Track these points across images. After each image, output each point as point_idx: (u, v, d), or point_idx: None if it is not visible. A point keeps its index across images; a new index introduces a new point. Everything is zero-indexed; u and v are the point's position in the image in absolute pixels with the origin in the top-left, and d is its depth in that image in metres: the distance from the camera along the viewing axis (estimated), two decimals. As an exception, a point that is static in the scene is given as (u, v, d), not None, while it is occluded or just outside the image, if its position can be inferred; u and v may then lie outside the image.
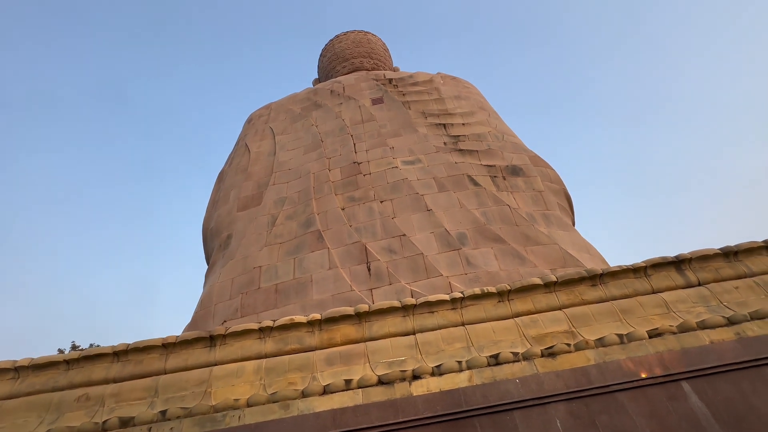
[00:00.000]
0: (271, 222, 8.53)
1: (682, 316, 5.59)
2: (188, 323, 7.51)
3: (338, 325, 6.02)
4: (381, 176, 8.75)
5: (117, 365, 5.88)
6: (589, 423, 4.69)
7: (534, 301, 6.07)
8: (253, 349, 5.86)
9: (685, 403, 4.76)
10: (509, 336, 5.68)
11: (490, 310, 6.03)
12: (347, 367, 5.54)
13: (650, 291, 6.04)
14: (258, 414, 5.05)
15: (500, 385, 5.00)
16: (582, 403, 4.85)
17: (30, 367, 5.89)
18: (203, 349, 5.94)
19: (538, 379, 5.02)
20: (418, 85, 12.26)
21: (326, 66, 15.97)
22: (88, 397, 5.52)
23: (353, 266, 7.15)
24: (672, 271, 6.21)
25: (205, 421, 5.03)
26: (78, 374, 5.80)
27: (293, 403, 5.12)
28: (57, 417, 5.37)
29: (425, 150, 9.50)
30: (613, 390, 4.89)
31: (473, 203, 8.08)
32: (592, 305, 5.94)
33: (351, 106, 11.59)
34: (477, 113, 11.17)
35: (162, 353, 5.95)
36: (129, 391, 5.55)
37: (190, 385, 5.52)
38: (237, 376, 5.56)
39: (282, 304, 6.92)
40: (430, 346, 5.66)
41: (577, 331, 5.64)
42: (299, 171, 9.64)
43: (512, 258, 7.18)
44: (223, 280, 7.79)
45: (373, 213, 7.96)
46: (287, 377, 5.51)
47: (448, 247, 7.25)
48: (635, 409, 4.76)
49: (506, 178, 8.86)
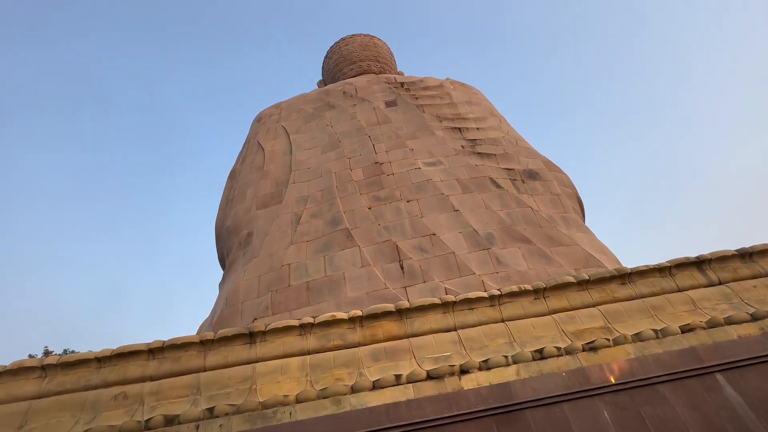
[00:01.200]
0: (295, 220, 8.47)
1: (708, 313, 5.91)
2: (215, 321, 7.34)
3: (379, 321, 6.04)
4: (405, 177, 8.85)
5: (153, 363, 5.71)
6: (634, 414, 4.89)
7: (569, 298, 6.28)
8: (295, 346, 5.81)
9: (720, 394, 5.03)
10: (549, 332, 5.86)
11: (528, 307, 6.20)
12: (393, 363, 5.57)
13: (676, 289, 6.36)
14: (309, 410, 5.01)
15: (548, 379, 5.15)
16: (626, 395, 5.05)
17: (58, 365, 5.64)
18: (243, 346, 5.84)
19: (584, 373, 5.20)
20: (429, 90, 12.47)
21: (332, 68, 16.01)
22: (125, 396, 5.33)
23: (385, 264, 7.19)
24: (694, 270, 6.56)
25: (255, 418, 4.95)
26: (112, 372, 5.60)
27: (344, 399, 5.10)
28: (94, 416, 5.16)
29: (445, 152, 9.67)
30: (654, 382, 5.12)
31: (497, 204, 8.29)
32: (624, 302, 6.20)
33: (365, 108, 11.67)
34: (489, 118, 11.46)
35: (200, 350, 5.81)
36: (169, 389, 5.39)
37: (234, 382, 5.42)
38: (282, 372, 5.50)
39: (315, 301, 6.88)
40: (473, 341, 5.77)
41: (612, 327, 5.87)
42: (319, 170, 9.62)
43: (539, 258, 7.40)
44: (249, 277, 7.66)
45: (401, 212, 8.04)
46: (333, 373, 5.49)
47: (477, 247, 7.41)
48: (676, 400, 4.99)
49: (525, 181, 9.13)
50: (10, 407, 5.26)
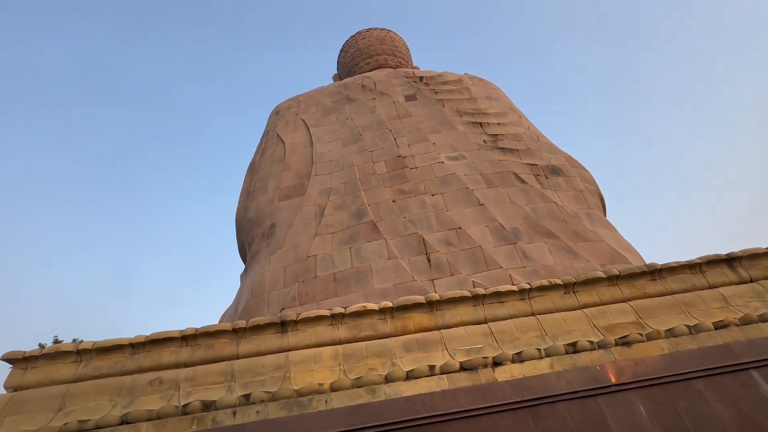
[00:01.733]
0: (319, 212, 8.49)
1: (741, 310, 5.88)
2: (240, 311, 7.39)
3: (410, 313, 6.06)
4: (428, 170, 8.85)
5: (186, 350, 5.76)
6: (670, 408, 4.89)
7: (599, 293, 6.27)
8: (326, 335, 5.84)
9: (756, 391, 5.01)
10: (580, 326, 5.85)
11: (558, 301, 6.19)
12: (426, 354, 5.59)
13: (707, 286, 6.33)
14: (345, 398, 5.05)
15: (582, 372, 5.15)
16: (661, 389, 5.05)
17: (94, 350, 5.71)
18: (275, 334, 5.88)
19: (618, 367, 5.20)
20: (448, 84, 12.42)
21: (349, 62, 15.97)
22: (161, 381, 5.39)
23: (412, 257, 7.20)
24: (725, 267, 6.52)
25: (291, 405, 4.99)
26: (146, 358, 5.65)
27: (379, 388, 5.13)
28: (131, 400, 5.22)
29: (467, 147, 9.65)
30: (689, 378, 5.11)
31: (522, 199, 8.27)
32: (655, 298, 6.18)
33: (385, 102, 11.65)
34: (509, 114, 11.40)
35: (233, 338, 5.86)
36: (204, 376, 5.44)
37: (268, 370, 5.46)
38: (315, 361, 5.53)
39: (342, 292, 6.91)
40: (504, 334, 5.77)
41: (644, 322, 5.86)
42: (341, 163, 9.62)
43: (565, 253, 7.38)
44: (274, 268, 7.70)
45: (426, 206, 8.04)
46: (366, 363, 5.51)
47: (504, 241, 7.40)
48: (711, 395, 4.98)
49: (548, 177, 9.09)
50: (49, 390, 5.33)
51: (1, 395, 5.34)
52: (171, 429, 4.82)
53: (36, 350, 5.69)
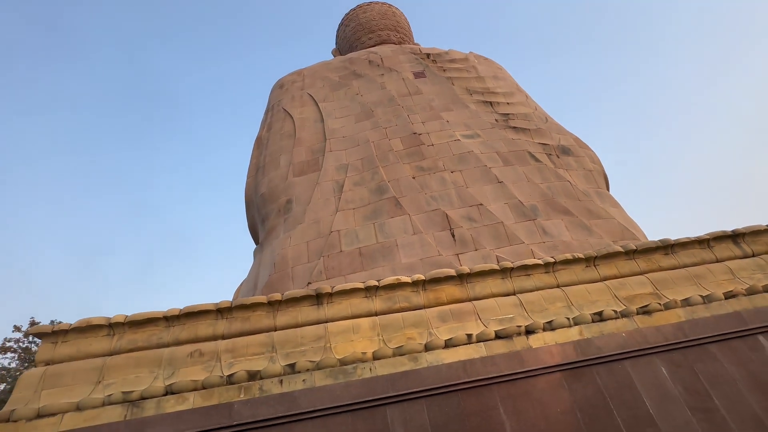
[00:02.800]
0: (338, 188, 8.44)
1: (747, 282, 6.35)
2: (263, 285, 7.38)
3: (442, 285, 6.23)
4: (445, 148, 8.90)
5: (223, 322, 5.75)
6: (689, 370, 5.30)
7: (618, 266, 6.60)
8: (362, 307, 5.95)
9: (764, 353, 5.49)
10: (603, 297, 6.19)
11: (581, 274, 6.49)
12: (460, 324, 5.79)
13: (715, 260, 6.77)
14: (388, 366, 5.20)
15: (609, 338, 5.49)
16: (680, 353, 5.45)
17: (126, 324, 5.62)
18: (311, 307, 5.93)
19: (641, 333, 5.56)
20: (455, 62, 12.36)
21: (350, 36, 15.56)
22: (201, 353, 5.39)
23: (436, 232, 7.33)
24: (730, 243, 6.97)
25: (336, 373, 5.11)
26: (182, 331, 5.62)
27: (420, 356, 5.31)
28: (172, 372, 5.21)
29: (481, 125, 9.73)
30: (705, 342, 5.53)
31: (538, 178, 8.48)
32: (669, 271, 6.57)
33: (394, 78, 11.51)
34: (516, 94, 11.51)
35: (269, 311, 5.88)
36: (244, 347, 5.47)
37: (308, 341, 5.54)
38: (354, 332, 5.64)
39: (369, 267, 6.99)
40: (533, 305, 6.04)
41: (661, 293, 6.24)
42: (356, 139, 9.53)
43: (581, 229, 7.68)
44: (296, 243, 7.67)
45: (446, 183, 8.13)
46: (405, 333, 5.67)
47: (523, 217, 7.62)
48: (724, 358, 5.42)
49: (559, 156, 9.33)
50: (85, 363, 5.25)
51: (35, 369, 5.22)
52: (219, 398, 4.87)
53: (65, 324, 5.55)
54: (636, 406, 4.95)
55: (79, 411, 4.74)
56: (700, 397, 5.05)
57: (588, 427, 4.79)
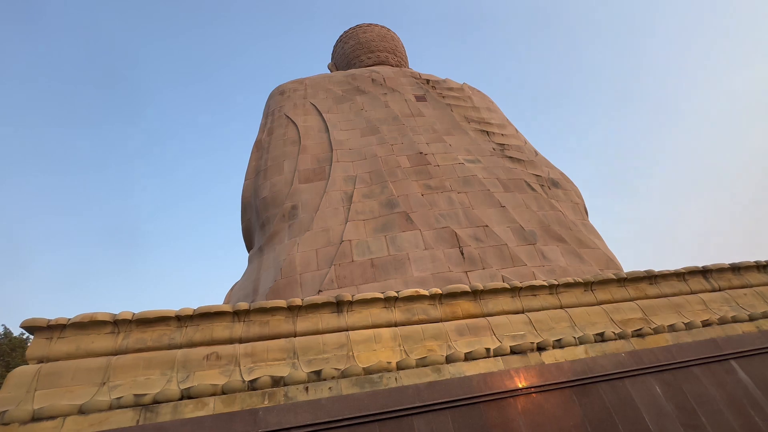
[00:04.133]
0: (347, 198, 8.47)
1: (717, 312, 7.16)
2: (268, 290, 7.14)
3: (457, 300, 6.43)
4: (451, 169, 9.29)
5: (240, 325, 5.52)
6: (678, 390, 5.84)
7: (611, 292, 7.18)
8: (382, 317, 5.97)
9: (736, 376, 6.18)
10: (601, 319, 6.68)
11: (580, 297, 6.99)
12: (477, 338, 5.99)
13: (690, 292, 7.57)
14: (413, 376, 5.25)
15: (611, 358, 5.92)
16: (670, 374, 6.00)
17: (134, 321, 5.23)
18: (331, 314, 5.87)
19: (637, 354, 6.06)
20: (453, 91, 13.04)
21: (348, 53, 15.89)
22: (218, 356, 5.12)
23: (446, 249, 7.56)
24: (701, 278, 7.85)
25: (362, 382, 5.07)
26: (197, 332, 5.32)
27: (443, 368, 5.42)
28: (187, 375, 4.90)
29: (481, 152, 10.28)
30: (690, 365, 6.13)
31: (534, 206, 9.07)
32: (654, 299, 7.25)
33: (397, 98, 11.90)
34: (508, 126, 12.32)
35: (288, 316, 5.73)
36: (264, 352, 5.28)
37: (330, 348, 5.46)
38: (376, 341, 5.65)
39: (381, 278, 7.04)
40: (541, 323, 6.39)
41: (649, 318, 6.86)
42: (363, 153, 9.67)
43: (573, 257, 8.28)
44: (304, 250, 7.55)
45: (453, 203, 8.46)
46: (425, 344, 5.76)
47: (524, 241, 8.09)
48: (706, 379, 6.04)
49: (550, 188, 10.05)
50: (87, 362, 4.80)
51: (27, 366, 4.68)
52: (241, 404, 4.64)
53: (63, 318, 5.06)
54: (637, 421, 5.36)
55: (83, 414, 4.31)
56: (689, 414, 5.57)
57: (598, 440, 5.10)
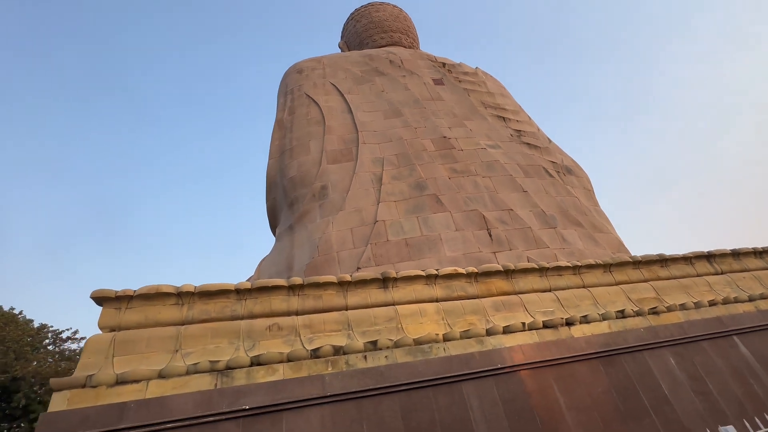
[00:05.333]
0: (376, 180, 8.70)
1: (721, 293, 7.82)
2: (306, 266, 7.41)
3: (491, 278, 6.85)
4: (474, 154, 9.58)
5: (295, 299, 5.81)
6: (689, 361, 6.47)
7: (628, 273, 7.73)
8: (425, 293, 6.35)
9: (738, 350, 6.86)
10: (619, 298, 7.24)
11: (600, 277, 7.51)
12: (512, 314, 6.45)
13: (696, 275, 8.20)
14: (459, 347, 5.68)
15: (631, 332, 6.49)
16: (682, 347, 6.62)
17: (196, 294, 5.46)
18: (378, 289, 6.21)
19: (653, 330, 6.65)
20: (468, 75, 13.19)
21: (361, 32, 15.72)
22: (279, 327, 5.43)
23: (475, 231, 7.94)
24: (705, 262, 8.49)
25: (415, 352, 5.47)
26: (256, 305, 5.59)
27: (485, 339, 5.86)
28: (253, 344, 5.20)
29: (500, 138, 10.58)
30: (699, 339, 6.76)
31: (552, 191, 9.49)
32: (665, 281, 7.85)
33: (416, 81, 12.00)
34: (521, 113, 12.61)
35: (338, 290, 6.05)
36: (321, 323, 5.61)
37: (381, 321, 5.83)
38: (421, 315, 6.04)
39: (416, 257, 7.39)
40: (568, 301, 6.89)
41: (661, 297, 7.46)
42: (387, 135, 9.85)
43: (589, 240, 8.79)
44: (339, 229, 7.80)
45: (479, 187, 8.79)
46: (465, 318, 6.19)
47: (546, 225, 8.53)
48: (713, 352, 6.69)
49: (565, 174, 10.48)
50: (159, 331, 5.03)
51: (101, 334, 4.90)
52: (308, 370, 4.99)
53: (129, 290, 5.25)
54: (655, 388, 5.96)
55: (164, 378, 4.58)
56: (699, 382, 6.21)
57: (623, 404, 5.68)
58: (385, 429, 4.73)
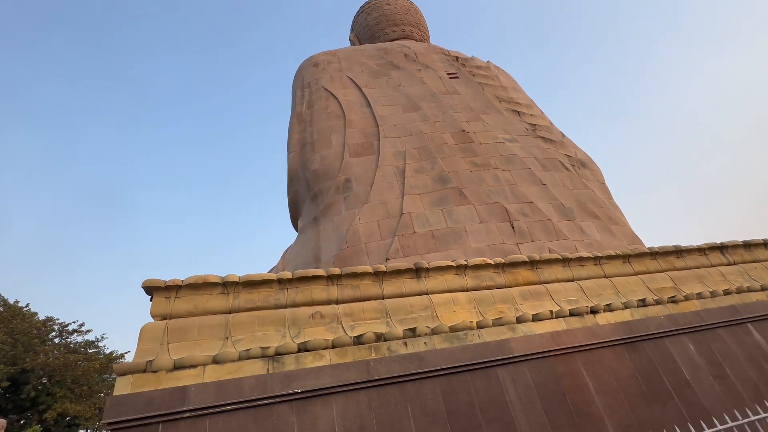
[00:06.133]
0: (398, 173, 8.87)
1: (734, 283, 8.11)
2: (335, 257, 7.61)
3: (518, 269, 7.08)
4: (493, 148, 9.76)
5: (334, 288, 6.01)
6: (707, 347, 6.76)
7: (646, 264, 8.00)
8: (456, 283, 6.57)
9: (752, 337, 7.16)
10: (639, 287, 7.50)
11: (620, 268, 7.76)
12: (539, 302, 6.69)
13: (710, 265, 8.49)
14: (493, 334, 5.92)
15: (653, 320, 6.76)
16: (699, 334, 6.90)
17: (241, 283, 5.64)
18: (411, 279, 6.42)
19: (673, 317, 6.92)
20: (481, 69, 13.32)
21: (372, 25, 15.74)
22: (322, 315, 5.63)
23: (498, 223, 8.15)
24: (718, 253, 8.77)
25: (451, 338, 5.70)
26: (298, 294, 5.79)
27: (516, 327, 6.10)
28: (298, 331, 5.40)
29: (516, 132, 10.76)
30: (715, 327, 7.05)
31: (569, 184, 9.72)
32: (681, 271, 8.12)
33: (431, 75, 12.12)
34: (533, 107, 12.78)
35: (374, 280, 6.25)
36: (360, 311, 5.82)
37: (417, 309, 6.05)
38: (454, 303, 6.26)
39: (443, 248, 7.60)
40: (590, 290, 7.15)
41: (678, 287, 7.73)
42: (407, 129, 9.99)
43: (606, 232, 9.04)
44: (366, 221, 7.99)
45: (500, 180, 8.99)
46: (496, 307, 6.43)
47: (565, 217, 8.76)
48: (729, 339, 6.99)
49: (580, 168, 10.70)
50: (208, 319, 5.23)
51: (155, 322, 5.08)
52: (353, 356, 5.20)
53: (177, 280, 5.42)
54: (677, 373, 6.24)
55: (219, 364, 4.78)
56: (717, 367, 6.51)
57: (647, 388, 5.96)
58: (427, 411, 4.97)
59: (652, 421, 5.64)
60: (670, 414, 5.78)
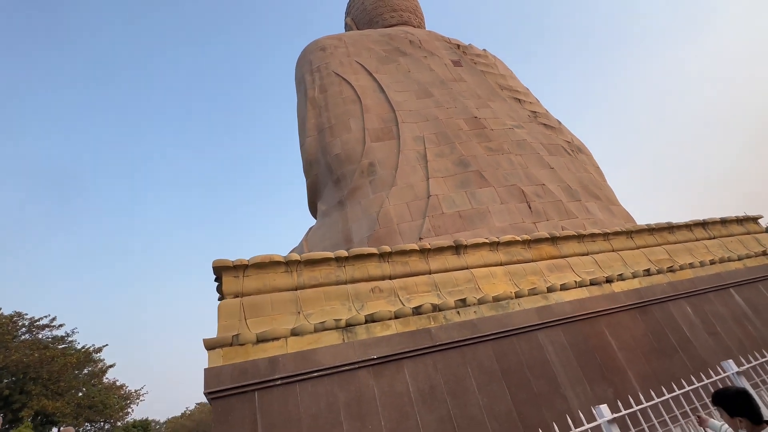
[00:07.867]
0: (420, 157, 9.25)
1: (716, 254, 9.24)
2: (369, 237, 7.94)
3: (541, 245, 7.74)
4: (504, 133, 10.33)
5: (386, 265, 6.39)
6: (700, 309, 7.78)
7: (645, 239, 8.93)
8: (491, 258, 7.14)
9: (734, 299, 8.27)
10: (642, 259, 8.41)
11: (624, 243, 8.64)
12: (563, 274, 7.40)
13: (695, 239, 9.58)
14: (530, 302, 6.55)
15: (657, 287, 7.66)
16: (695, 298, 7.91)
17: (303, 262, 5.90)
18: (453, 255, 6.91)
19: (673, 284, 7.88)
20: (480, 57, 13.80)
21: (370, 10, 15.74)
22: (380, 290, 6.01)
23: (517, 204, 8.77)
24: (702, 229, 9.90)
25: (496, 307, 6.28)
26: (356, 270, 6.12)
27: (549, 296, 6.77)
28: (362, 305, 5.77)
29: (521, 119, 11.39)
30: (706, 291, 8.09)
31: (573, 168, 10.50)
32: (673, 245, 9.14)
33: (437, 62, 12.46)
34: (530, 95, 13.49)
35: (420, 257, 6.68)
36: (413, 285, 6.25)
37: (461, 282, 6.56)
38: (492, 276, 6.83)
39: (470, 228, 8.12)
40: (603, 262, 7.95)
41: (673, 258, 8.73)
42: (423, 114, 10.34)
43: (607, 211, 9.93)
44: (395, 203, 8.35)
45: (514, 164, 9.59)
46: (527, 279, 7.06)
47: (572, 198, 9.53)
48: (717, 302, 8.05)
49: (578, 153, 11.54)
50: (279, 296, 5.48)
51: (230, 300, 5.27)
52: (415, 324, 5.66)
53: (243, 259, 5.61)
54: (679, 330, 7.19)
55: (298, 336, 5.08)
56: (709, 325, 7.53)
57: (657, 344, 6.84)
58: (484, 370, 5.54)
59: (664, 371, 6.53)
60: (678, 365, 6.71)
